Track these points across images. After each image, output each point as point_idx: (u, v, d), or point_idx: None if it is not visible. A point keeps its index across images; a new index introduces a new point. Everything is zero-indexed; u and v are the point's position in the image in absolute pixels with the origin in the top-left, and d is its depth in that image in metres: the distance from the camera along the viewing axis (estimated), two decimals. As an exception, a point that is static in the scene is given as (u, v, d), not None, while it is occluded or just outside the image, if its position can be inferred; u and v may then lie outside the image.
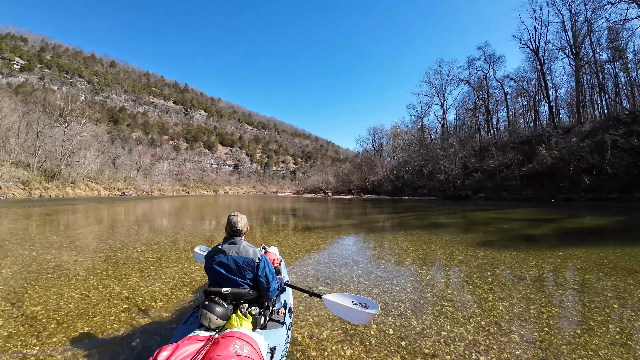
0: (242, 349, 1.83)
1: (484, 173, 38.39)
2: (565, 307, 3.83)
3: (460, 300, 4.09)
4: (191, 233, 10.70)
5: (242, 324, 2.24)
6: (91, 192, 54.73)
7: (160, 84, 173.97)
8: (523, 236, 9.73)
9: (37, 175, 47.33)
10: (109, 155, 77.07)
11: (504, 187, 35.05)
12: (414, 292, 4.38)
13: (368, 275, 5.25)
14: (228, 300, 2.40)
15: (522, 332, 3.19)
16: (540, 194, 32.01)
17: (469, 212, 18.83)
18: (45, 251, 7.18)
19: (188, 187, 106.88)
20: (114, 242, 8.59)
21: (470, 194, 36.68)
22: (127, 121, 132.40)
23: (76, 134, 55.73)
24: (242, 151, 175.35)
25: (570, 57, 45.19)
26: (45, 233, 10.33)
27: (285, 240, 9.03)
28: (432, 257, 6.67)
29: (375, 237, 9.65)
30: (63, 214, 17.22)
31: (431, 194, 42.54)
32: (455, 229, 11.31)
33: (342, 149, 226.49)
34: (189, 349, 1.80)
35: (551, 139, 37.14)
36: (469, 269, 5.54)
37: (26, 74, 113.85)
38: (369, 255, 7.08)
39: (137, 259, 6.48)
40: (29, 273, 5.37)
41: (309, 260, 6.46)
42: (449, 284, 4.82)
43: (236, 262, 2.54)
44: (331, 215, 18.38)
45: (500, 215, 16.20)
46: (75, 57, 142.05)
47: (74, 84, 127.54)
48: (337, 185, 71.74)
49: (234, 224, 2.71)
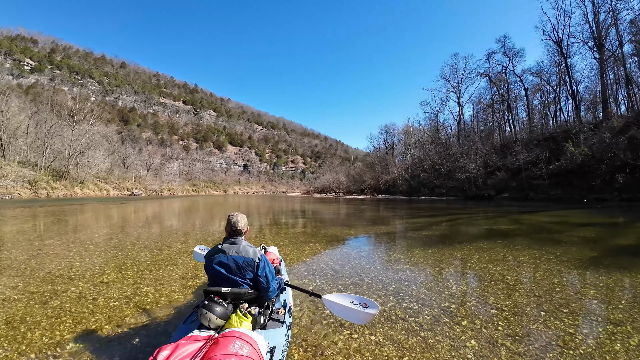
0: (242, 348, 1.82)
1: (507, 172, 36.23)
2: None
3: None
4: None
5: (242, 323, 2.23)
6: (100, 192, 53.89)
7: (170, 85, 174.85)
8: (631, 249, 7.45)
9: (45, 175, 46.54)
10: (118, 155, 76.47)
11: (531, 186, 32.95)
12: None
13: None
14: (228, 300, 2.38)
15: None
16: (570, 194, 29.95)
17: (515, 215, 16.77)
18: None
19: (198, 187, 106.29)
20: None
21: (493, 194, 34.64)
22: (138, 121, 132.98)
23: (84, 133, 54.87)
24: (252, 151, 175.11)
25: (594, 50, 42.82)
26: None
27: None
28: (568, 295, 4.15)
29: (434, 255, 6.53)
30: (65, 215, 15.88)
31: (450, 194, 40.46)
32: (527, 239, 8.52)
33: (351, 149, 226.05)
34: (188, 349, 1.80)
35: (579, 135, 34.98)
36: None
37: (36, 75, 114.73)
38: (445, 295, 4.18)
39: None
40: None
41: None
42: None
43: (236, 261, 2.52)
44: (356, 219, 16.72)
45: (555, 219, 14.15)
46: (85, 58, 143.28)
47: (85, 85, 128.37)
48: (349, 185, 69.79)
49: (234, 224, 2.71)
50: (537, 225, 12.04)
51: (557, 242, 8.04)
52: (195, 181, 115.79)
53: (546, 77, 47.60)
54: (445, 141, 56.42)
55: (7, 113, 47.51)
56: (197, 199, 47.12)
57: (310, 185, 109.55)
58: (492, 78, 50.31)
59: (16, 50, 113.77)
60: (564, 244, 7.66)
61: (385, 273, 5.19)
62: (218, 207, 27.33)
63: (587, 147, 32.31)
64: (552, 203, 27.59)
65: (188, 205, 29.46)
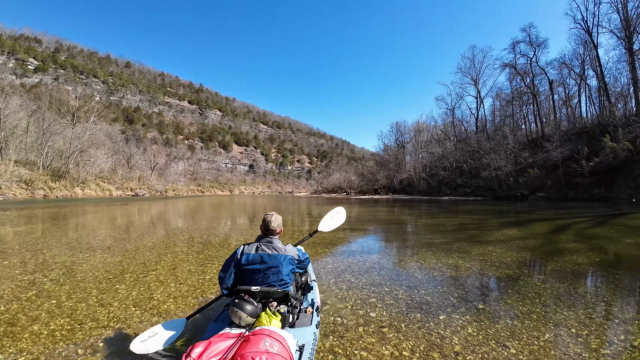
0: (272, 346, 1.85)
1: (540, 169, 33.16)
2: None
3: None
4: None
5: (272, 321, 2.25)
6: (102, 192, 51.67)
7: (175, 84, 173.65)
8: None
9: (43, 174, 44.31)
10: (122, 154, 74.36)
11: (569, 185, 29.92)
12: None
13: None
14: (257, 298, 2.42)
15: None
16: (615, 193, 26.97)
17: (613, 219, 14.04)
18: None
19: (203, 187, 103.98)
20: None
21: (526, 193, 31.53)
22: (142, 121, 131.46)
23: (85, 131, 52.65)
24: (257, 150, 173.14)
25: (624, 40, 39.68)
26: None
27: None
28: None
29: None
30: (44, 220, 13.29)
31: (476, 193, 37.29)
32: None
33: (357, 148, 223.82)
34: (220, 346, 1.85)
35: (617, 129, 31.92)
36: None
37: (40, 74, 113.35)
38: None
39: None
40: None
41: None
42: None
43: (277, 260, 2.57)
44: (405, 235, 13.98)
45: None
46: (90, 58, 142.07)
47: (89, 84, 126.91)
48: (361, 185, 66.61)
49: (268, 223, 2.79)
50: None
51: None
52: (200, 181, 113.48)
53: (569, 69, 44.45)
54: (466, 137, 53.09)
55: (5, 110, 45.35)
56: (203, 200, 44.65)
57: (319, 185, 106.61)
58: (519, 69, 47.08)
59: (19, 49, 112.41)
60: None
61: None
62: (224, 209, 24.66)
63: (629, 141, 29.31)
64: (596, 203, 24.74)
65: (193, 206, 26.85)
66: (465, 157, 44.24)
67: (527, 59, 45.91)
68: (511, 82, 50.35)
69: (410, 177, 53.61)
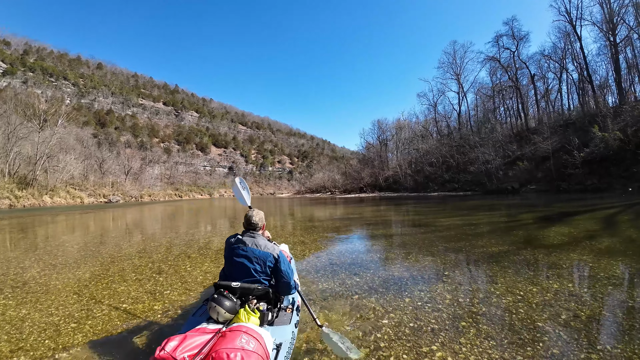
0: (249, 343, 1.83)
1: (530, 161, 32.74)
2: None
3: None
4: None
5: (250, 319, 2.22)
6: (72, 199, 48.58)
7: (150, 85, 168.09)
8: None
9: (9, 182, 41.06)
10: (95, 159, 70.61)
11: (561, 176, 29.52)
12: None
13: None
14: (237, 294, 2.39)
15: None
16: (609, 183, 26.73)
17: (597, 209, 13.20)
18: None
19: (181, 191, 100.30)
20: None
21: (517, 186, 31.03)
22: (115, 124, 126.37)
23: (52, 135, 49.41)
24: (237, 152, 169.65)
25: (609, 33, 40.10)
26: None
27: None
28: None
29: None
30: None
31: (465, 188, 36.70)
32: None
33: (338, 147, 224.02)
34: (196, 340, 1.82)
35: (605, 119, 31.90)
36: None
37: (9, 77, 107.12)
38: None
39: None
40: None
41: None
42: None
43: (255, 255, 2.55)
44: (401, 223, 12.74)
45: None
46: (60, 60, 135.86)
47: (59, 87, 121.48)
48: (346, 183, 65.43)
49: (249, 218, 2.76)
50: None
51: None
52: (178, 185, 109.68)
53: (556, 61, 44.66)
54: (450, 132, 52.67)
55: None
56: (181, 204, 42.58)
57: (302, 186, 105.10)
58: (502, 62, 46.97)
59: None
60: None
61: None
62: (204, 214, 22.99)
63: (619, 130, 29.23)
64: (590, 194, 24.39)
65: (170, 212, 25.06)
66: (452, 152, 43.64)
67: (510, 52, 45.91)
68: (492, 77, 50.46)
69: (395, 174, 52.86)
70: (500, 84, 48.20)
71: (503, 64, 46.55)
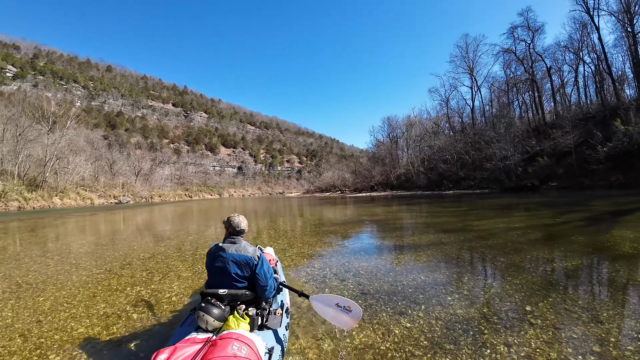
0: (240, 350, 1.80)
1: (550, 157, 31.37)
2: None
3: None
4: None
5: (240, 325, 2.19)
6: (82, 201, 48.47)
7: (159, 87, 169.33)
8: None
9: (18, 184, 40.97)
10: (105, 161, 70.85)
11: (583, 172, 28.14)
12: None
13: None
14: (225, 301, 2.35)
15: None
16: (634, 178, 25.33)
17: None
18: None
19: (191, 192, 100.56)
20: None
21: (537, 183, 29.67)
22: (125, 126, 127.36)
23: (62, 137, 49.39)
24: (246, 152, 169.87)
25: (627, 23, 38.41)
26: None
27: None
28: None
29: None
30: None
31: (482, 185, 35.36)
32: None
33: (347, 146, 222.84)
34: (186, 352, 1.77)
35: (628, 112, 30.42)
36: None
37: (19, 81, 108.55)
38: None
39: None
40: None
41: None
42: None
43: (235, 260, 2.50)
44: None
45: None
46: (69, 63, 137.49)
47: (69, 90, 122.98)
48: (356, 182, 64.35)
49: (236, 225, 2.70)
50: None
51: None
52: (188, 185, 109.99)
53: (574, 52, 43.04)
54: (463, 128, 51.17)
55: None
56: (191, 205, 42.10)
57: (311, 185, 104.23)
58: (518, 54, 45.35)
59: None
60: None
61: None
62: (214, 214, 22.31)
63: (643, 124, 27.77)
64: (615, 190, 23.10)
65: (180, 212, 24.44)
66: (467, 148, 42.22)
67: (525, 44, 44.32)
68: (505, 71, 48.83)
69: (407, 172, 51.61)
70: (515, 77, 46.59)
71: (520, 55, 44.94)
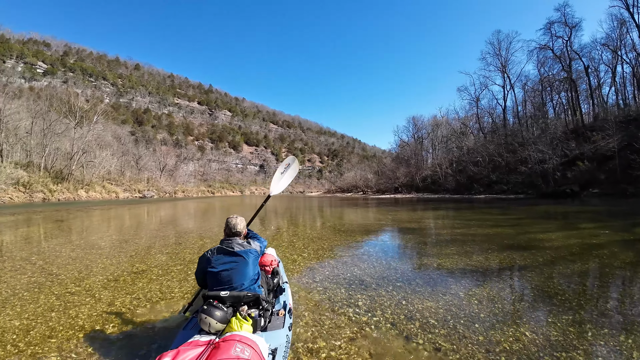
0: (244, 351, 1.79)
1: (590, 161, 29.18)
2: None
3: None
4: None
5: (242, 326, 2.18)
6: (108, 194, 49.26)
7: (185, 85, 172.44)
8: None
9: (43, 176, 41.75)
10: (131, 156, 72.35)
11: (627, 178, 25.90)
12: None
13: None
14: (227, 303, 2.32)
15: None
16: (685, 187, 23.09)
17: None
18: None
19: (213, 188, 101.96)
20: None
21: (577, 189, 27.55)
22: (152, 122, 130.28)
23: (89, 132, 50.36)
24: (268, 150, 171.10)
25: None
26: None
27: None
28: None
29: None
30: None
31: (516, 190, 33.27)
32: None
33: (369, 147, 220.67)
34: (190, 354, 1.77)
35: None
36: None
37: (49, 77, 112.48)
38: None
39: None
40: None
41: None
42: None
43: (233, 261, 2.51)
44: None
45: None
46: (99, 61, 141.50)
47: (98, 87, 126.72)
48: (379, 183, 62.73)
49: (233, 226, 2.73)
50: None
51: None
52: (210, 182, 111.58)
53: (613, 50, 40.26)
54: (495, 129, 48.72)
55: (6, 111, 42.92)
56: (213, 201, 41.93)
57: (332, 184, 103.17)
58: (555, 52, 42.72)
59: (28, 53, 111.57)
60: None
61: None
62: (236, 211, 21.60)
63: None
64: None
65: (202, 208, 23.94)
66: (500, 150, 39.89)
67: (563, 41, 41.70)
68: (539, 69, 46.18)
69: (434, 174, 49.71)
70: (550, 76, 43.92)
71: (557, 53, 42.27)
